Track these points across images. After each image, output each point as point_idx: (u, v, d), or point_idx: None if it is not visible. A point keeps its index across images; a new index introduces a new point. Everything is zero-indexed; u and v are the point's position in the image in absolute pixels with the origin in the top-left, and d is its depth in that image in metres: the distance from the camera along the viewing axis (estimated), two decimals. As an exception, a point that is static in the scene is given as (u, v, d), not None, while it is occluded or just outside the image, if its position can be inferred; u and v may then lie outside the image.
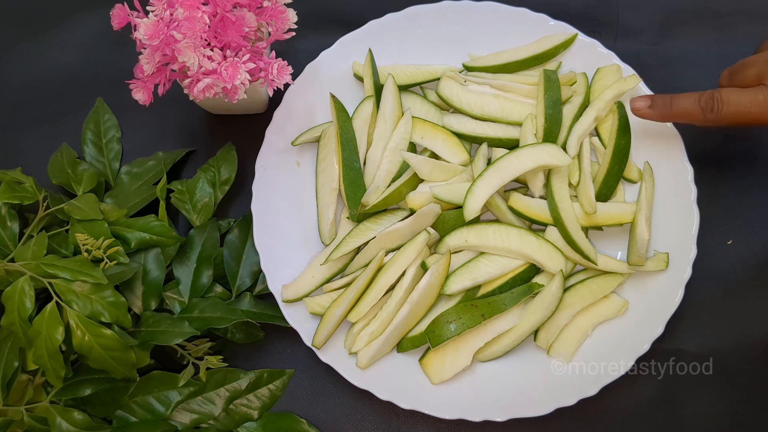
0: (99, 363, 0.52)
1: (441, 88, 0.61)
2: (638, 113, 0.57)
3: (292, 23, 0.54)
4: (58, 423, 0.53)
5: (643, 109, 0.57)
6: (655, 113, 0.56)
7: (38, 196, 0.59)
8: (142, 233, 0.58)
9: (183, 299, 0.59)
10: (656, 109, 0.56)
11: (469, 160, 0.60)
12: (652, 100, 0.56)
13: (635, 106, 0.57)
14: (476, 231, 0.57)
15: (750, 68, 0.54)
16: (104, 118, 0.67)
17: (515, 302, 0.55)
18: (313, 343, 0.56)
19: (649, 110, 0.56)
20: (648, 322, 0.56)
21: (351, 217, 0.59)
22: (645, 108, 0.57)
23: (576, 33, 0.63)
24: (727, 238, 0.62)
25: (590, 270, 0.58)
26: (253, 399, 0.58)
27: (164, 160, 0.64)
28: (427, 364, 0.56)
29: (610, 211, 0.58)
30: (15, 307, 0.51)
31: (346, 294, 0.56)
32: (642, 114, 0.57)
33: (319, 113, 0.63)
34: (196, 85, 0.51)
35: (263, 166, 0.61)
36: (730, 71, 0.56)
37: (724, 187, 0.63)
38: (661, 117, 0.57)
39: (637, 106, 0.57)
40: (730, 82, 0.56)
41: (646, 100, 0.57)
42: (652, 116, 0.57)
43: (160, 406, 0.55)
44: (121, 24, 0.53)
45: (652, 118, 0.57)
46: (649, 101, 0.57)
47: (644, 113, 0.57)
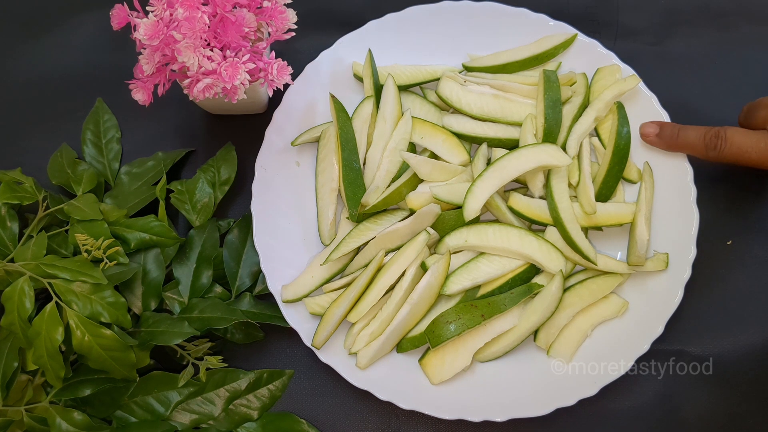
0: (99, 363, 0.52)
1: (441, 89, 0.61)
2: (646, 139, 0.59)
3: (292, 23, 0.54)
4: (57, 423, 0.53)
5: (651, 137, 0.59)
6: (662, 142, 0.59)
7: (38, 196, 0.59)
8: (141, 233, 0.58)
9: (183, 299, 0.59)
10: (663, 139, 0.58)
11: (469, 160, 0.60)
12: (661, 129, 0.59)
13: (644, 131, 0.59)
14: (476, 231, 0.57)
15: (761, 110, 0.55)
16: (104, 119, 0.67)
17: (515, 302, 0.55)
18: (312, 344, 0.56)
19: (656, 138, 0.59)
20: (648, 322, 0.56)
21: (351, 217, 0.59)
22: (653, 136, 0.59)
23: (576, 33, 0.63)
24: (727, 238, 0.62)
25: (590, 270, 0.58)
26: (252, 399, 0.58)
27: (164, 160, 0.64)
28: (427, 365, 0.56)
29: (609, 212, 0.58)
30: (15, 308, 0.51)
31: (346, 294, 0.56)
32: (650, 141, 0.59)
33: (318, 113, 0.63)
34: (196, 86, 0.51)
35: (263, 166, 0.61)
36: (750, 106, 0.57)
37: (724, 187, 0.63)
38: (667, 146, 0.59)
39: (646, 132, 0.59)
40: (746, 118, 0.57)
41: (655, 127, 0.59)
42: (659, 144, 0.59)
43: (159, 406, 0.55)
44: (121, 24, 0.53)
45: (658, 145, 0.59)
46: (657, 129, 0.59)
47: (652, 140, 0.59)
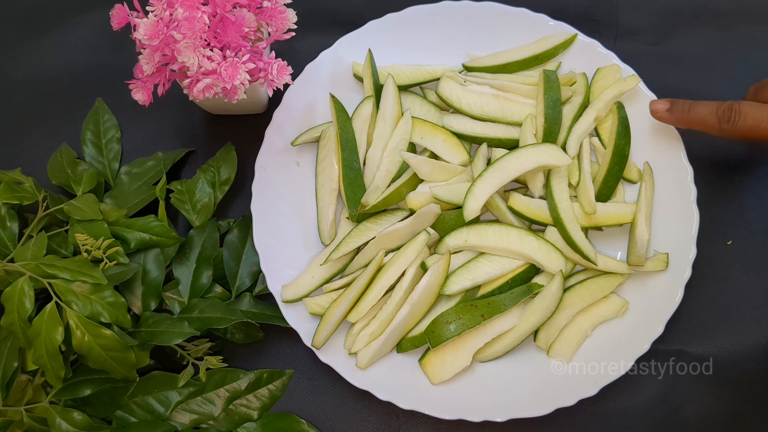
0: (99, 363, 0.52)
1: (441, 89, 0.61)
2: (656, 115, 0.58)
3: (292, 23, 0.54)
4: (57, 423, 0.53)
5: (662, 112, 0.57)
6: (672, 117, 0.57)
7: (38, 196, 0.59)
8: (141, 233, 0.58)
9: (183, 299, 0.59)
10: (674, 114, 0.57)
11: (469, 160, 0.60)
12: (672, 104, 0.57)
13: (654, 107, 0.58)
14: (476, 231, 0.57)
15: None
16: (104, 119, 0.67)
17: (515, 302, 0.55)
18: (312, 344, 0.56)
19: (667, 113, 0.57)
20: (648, 322, 0.56)
21: (351, 217, 0.59)
22: (663, 111, 0.57)
23: (576, 33, 0.63)
24: (727, 238, 0.62)
25: (590, 270, 0.58)
26: (252, 399, 0.58)
27: (164, 160, 0.64)
28: (427, 365, 0.56)
29: (609, 212, 0.58)
30: (15, 308, 0.51)
31: (346, 294, 0.56)
32: (660, 117, 0.58)
33: (318, 113, 0.63)
34: (196, 86, 0.51)
35: (263, 166, 0.61)
36: (757, 86, 0.57)
37: (723, 187, 0.63)
38: (678, 122, 0.57)
39: (656, 108, 0.58)
40: (755, 96, 0.56)
41: (666, 103, 0.57)
42: (670, 120, 0.57)
43: (159, 406, 0.55)
44: (121, 24, 0.53)
45: (669, 121, 0.57)
46: (668, 104, 0.57)
47: (662, 116, 0.57)
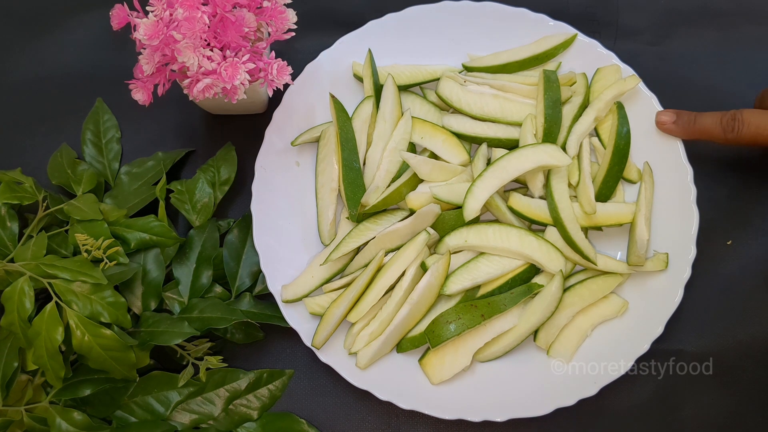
0: (99, 363, 0.52)
1: (441, 89, 0.61)
2: (663, 127, 0.59)
3: (292, 23, 0.54)
4: (57, 423, 0.53)
5: (668, 124, 0.58)
6: (679, 129, 0.58)
7: (38, 196, 0.59)
8: (141, 233, 0.58)
9: (182, 299, 0.59)
10: (680, 126, 0.58)
11: (469, 160, 0.60)
12: (677, 116, 0.58)
13: (661, 119, 0.58)
14: (476, 231, 0.57)
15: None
16: (104, 119, 0.67)
17: (515, 302, 0.55)
18: (312, 344, 0.56)
19: (673, 126, 0.58)
20: (648, 322, 0.56)
21: (351, 217, 0.59)
22: (670, 123, 0.58)
23: (576, 33, 0.63)
24: (727, 238, 0.62)
25: (590, 270, 0.58)
26: (252, 399, 0.58)
27: (164, 160, 0.64)
28: (427, 365, 0.56)
29: (609, 212, 0.58)
30: (15, 308, 0.51)
31: (346, 294, 0.56)
32: (666, 129, 0.58)
33: (318, 113, 0.63)
34: (196, 86, 0.51)
35: (263, 167, 0.61)
36: (763, 93, 0.57)
37: (723, 187, 0.63)
38: (684, 133, 0.58)
39: (662, 120, 0.58)
40: (762, 103, 0.57)
41: (671, 115, 0.58)
42: (676, 132, 0.58)
43: (159, 406, 0.55)
44: (121, 24, 0.53)
45: (675, 133, 0.58)
46: (674, 116, 0.58)
47: (669, 128, 0.58)
